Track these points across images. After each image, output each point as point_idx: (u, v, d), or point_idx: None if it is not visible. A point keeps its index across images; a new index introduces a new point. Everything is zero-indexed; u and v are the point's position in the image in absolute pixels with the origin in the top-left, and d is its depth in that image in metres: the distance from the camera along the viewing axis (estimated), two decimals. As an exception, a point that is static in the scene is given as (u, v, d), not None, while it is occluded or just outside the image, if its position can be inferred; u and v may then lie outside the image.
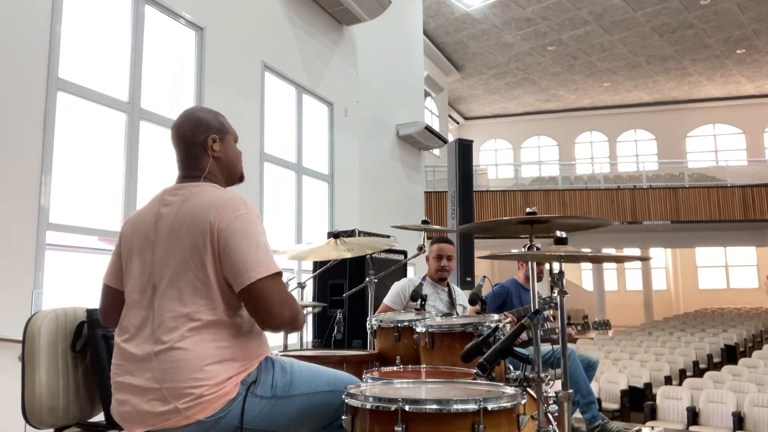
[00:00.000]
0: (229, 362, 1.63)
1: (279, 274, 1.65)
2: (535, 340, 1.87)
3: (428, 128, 12.79)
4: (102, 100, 4.91)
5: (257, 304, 1.61)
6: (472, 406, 1.47)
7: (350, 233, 4.68)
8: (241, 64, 6.53)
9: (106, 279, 1.87)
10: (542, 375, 1.82)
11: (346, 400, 1.60)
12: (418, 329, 2.51)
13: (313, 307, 4.85)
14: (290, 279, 3.49)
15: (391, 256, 5.27)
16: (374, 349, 2.79)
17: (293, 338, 3.71)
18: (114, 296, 1.84)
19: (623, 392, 7.49)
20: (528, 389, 1.82)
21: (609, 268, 24.04)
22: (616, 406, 7.42)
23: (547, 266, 2.02)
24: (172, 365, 1.58)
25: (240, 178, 1.95)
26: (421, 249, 3.20)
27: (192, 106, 1.90)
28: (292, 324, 1.66)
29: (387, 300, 3.79)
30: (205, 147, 1.83)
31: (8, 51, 4.15)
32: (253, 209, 1.72)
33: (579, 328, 4.26)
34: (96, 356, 2.16)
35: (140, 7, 5.35)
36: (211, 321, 1.64)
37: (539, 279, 4.27)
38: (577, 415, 3.89)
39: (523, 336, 3.65)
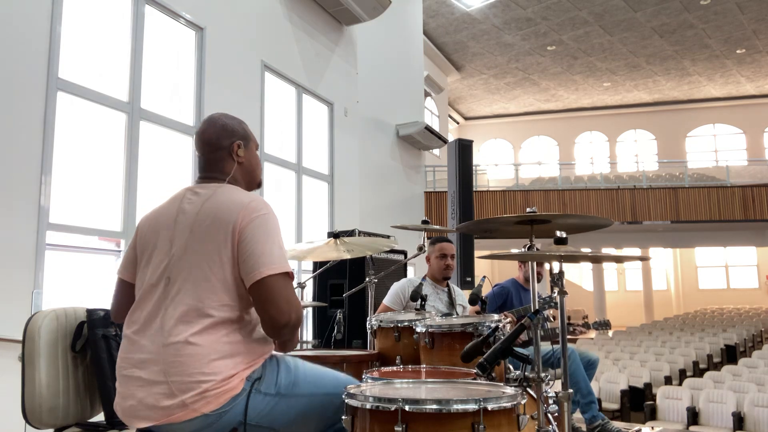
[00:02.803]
0: (236, 358, 1.65)
1: (290, 274, 1.69)
2: (535, 340, 1.87)
3: (428, 128, 12.79)
4: (102, 100, 4.91)
5: (266, 299, 1.63)
6: (472, 406, 1.47)
7: (350, 233, 4.68)
8: (241, 64, 6.53)
9: (121, 273, 1.88)
10: (542, 375, 1.82)
11: (346, 400, 1.60)
12: (418, 329, 2.51)
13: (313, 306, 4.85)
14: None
15: (391, 256, 5.27)
16: (374, 349, 2.79)
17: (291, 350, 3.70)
18: (128, 290, 1.85)
19: (623, 392, 7.49)
20: (528, 389, 1.82)
21: (609, 268, 24.04)
22: (616, 406, 7.42)
23: (547, 267, 2.02)
24: (180, 359, 1.59)
25: (258, 184, 2.00)
26: (421, 249, 3.19)
27: (215, 113, 1.96)
28: (294, 330, 1.68)
29: (386, 300, 3.79)
30: (230, 152, 1.88)
31: (8, 51, 4.16)
32: (272, 211, 1.76)
33: (582, 330, 4.28)
34: (96, 356, 2.16)
35: (140, 7, 5.35)
36: (224, 317, 1.66)
37: (538, 280, 4.27)
38: (578, 415, 3.89)
39: (523, 336, 3.65)
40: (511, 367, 2.11)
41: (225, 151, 1.87)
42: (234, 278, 1.68)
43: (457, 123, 24.81)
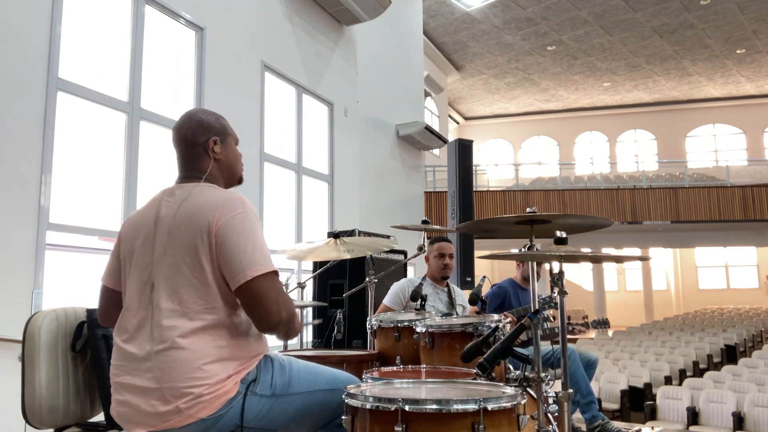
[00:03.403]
0: (228, 361, 1.64)
1: (275, 272, 1.66)
2: (535, 340, 1.87)
3: (428, 128, 12.79)
4: (102, 100, 4.91)
5: (253, 302, 1.61)
6: (472, 406, 1.47)
7: (350, 233, 4.68)
8: (241, 64, 6.53)
9: (105, 280, 1.87)
10: (542, 375, 1.82)
11: (346, 400, 1.60)
12: (418, 329, 2.50)
13: (313, 307, 4.85)
14: (289, 278, 3.49)
15: (391, 256, 5.27)
16: (374, 349, 2.79)
17: (293, 338, 3.70)
18: (112, 297, 1.84)
19: (623, 392, 7.48)
20: (528, 389, 1.82)
21: (609, 268, 24.03)
22: (616, 406, 7.41)
23: (546, 267, 2.01)
24: (170, 365, 1.58)
25: (239, 180, 1.96)
26: (421, 249, 3.19)
27: (193, 107, 1.91)
28: (288, 324, 1.65)
29: (386, 300, 3.79)
30: (206, 148, 1.84)
31: (8, 51, 4.16)
32: (251, 209, 1.72)
33: (581, 329, 4.28)
34: (96, 356, 2.16)
35: (140, 7, 5.35)
36: (210, 320, 1.64)
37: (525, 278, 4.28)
38: (578, 415, 3.89)
39: (523, 336, 3.65)
40: (511, 367, 2.11)
41: (201, 148, 1.83)
42: (216, 280, 1.65)
43: (457, 123, 24.81)
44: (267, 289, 1.61)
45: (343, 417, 1.61)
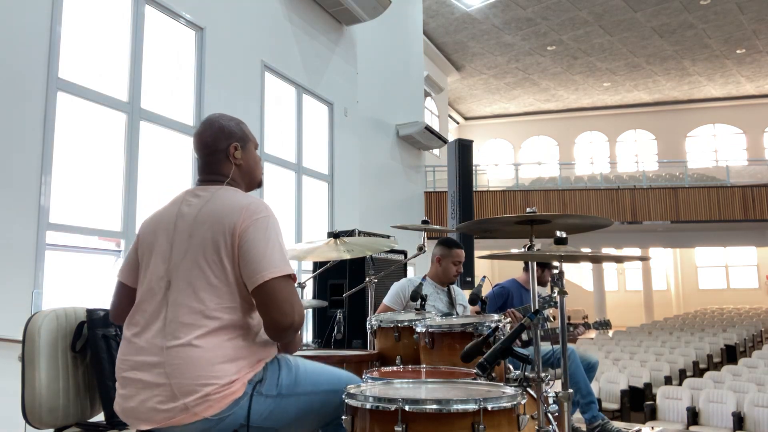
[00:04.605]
0: (240, 362, 1.65)
1: (292, 276, 1.68)
2: (535, 340, 1.87)
3: (428, 128, 12.79)
4: (102, 100, 4.91)
5: (269, 302, 1.63)
6: (472, 406, 1.47)
7: (350, 233, 4.68)
8: (241, 64, 6.53)
9: (121, 276, 1.88)
10: (542, 375, 1.82)
11: (346, 400, 1.60)
12: (418, 329, 2.51)
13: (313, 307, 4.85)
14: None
15: (391, 256, 5.27)
16: (374, 349, 2.79)
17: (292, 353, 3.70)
18: (128, 294, 1.85)
19: (623, 392, 7.48)
20: (528, 389, 1.82)
21: (609, 268, 24.03)
22: (616, 406, 7.41)
23: (555, 272, 2.01)
24: (183, 362, 1.59)
25: (259, 184, 1.99)
26: (421, 249, 3.19)
27: (214, 113, 1.95)
28: (297, 330, 1.68)
29: (386, 300, 3.78)
30: (227, 154, 1.87)
31: (8, 51, 4.16)
32: (273, 213, 1.76)
33: (582, 329, 4.27)
34: (96, 356, 2.16)
35: (140, 7, 5.35)
36: (227, 320, 1.65)
37: (543, 284, 4.26)
38: (578, 415, 3.89)
39: (523, 336, 3.65)
40: (511, 367, 2.11)
41: (222, 154, 1.86)
42: (235, 281, 1.67)
43: (457, 123, 24.81)
44: (282, 291, 1.63)
45: (343, 417, 1.61)
